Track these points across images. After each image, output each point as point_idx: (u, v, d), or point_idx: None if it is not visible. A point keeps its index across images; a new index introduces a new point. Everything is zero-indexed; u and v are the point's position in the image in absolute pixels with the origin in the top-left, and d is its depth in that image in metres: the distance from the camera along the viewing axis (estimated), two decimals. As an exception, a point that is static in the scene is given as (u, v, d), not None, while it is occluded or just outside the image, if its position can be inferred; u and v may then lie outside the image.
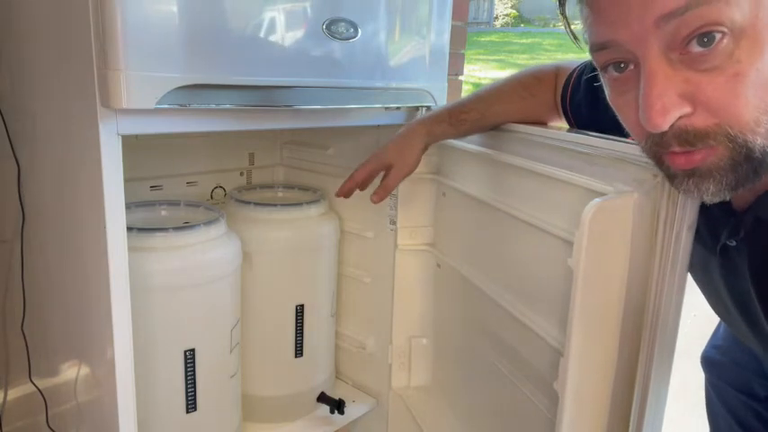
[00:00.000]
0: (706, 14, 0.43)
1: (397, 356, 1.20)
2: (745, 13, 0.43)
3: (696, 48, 0.44)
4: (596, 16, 0.49)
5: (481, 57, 8.04)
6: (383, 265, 1.16)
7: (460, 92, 1.78)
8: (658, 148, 0.49)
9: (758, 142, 0.45)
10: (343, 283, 1.25)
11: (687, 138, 0.47)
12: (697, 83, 0.45)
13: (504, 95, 0.87)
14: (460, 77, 1.73)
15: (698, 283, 0.69)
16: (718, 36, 0.43)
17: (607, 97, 0.54)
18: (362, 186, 0.95)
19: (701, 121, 0.46)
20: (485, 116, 0.87)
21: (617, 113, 0.54)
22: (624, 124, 0.53)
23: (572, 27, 0.55)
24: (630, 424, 0.64)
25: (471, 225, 1.01)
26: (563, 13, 0.53)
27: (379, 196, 0.93)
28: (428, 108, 1.04)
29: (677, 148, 0.48)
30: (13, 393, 1.09)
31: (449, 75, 1.04)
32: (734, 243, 0.57)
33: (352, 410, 1.18)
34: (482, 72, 6.91)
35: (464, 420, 1.07)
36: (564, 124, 0.85)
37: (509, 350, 0.90)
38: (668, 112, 0.45)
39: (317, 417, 1.17)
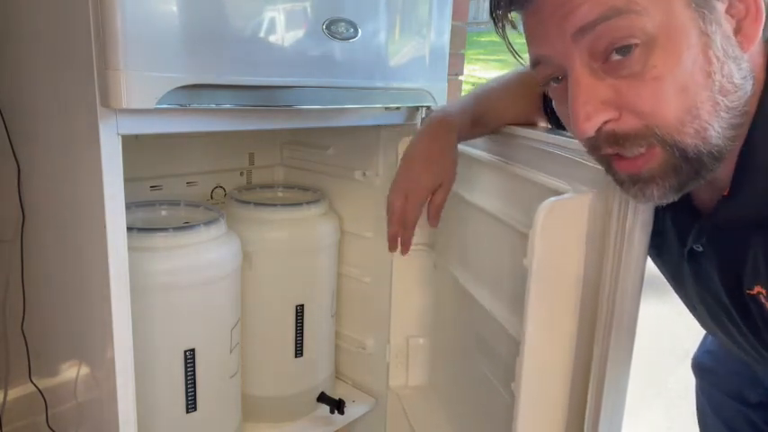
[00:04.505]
0: (618, 26, 0.46)
1: (395, 356, 1.20)
2: (655, 21, 0.45)
3: (615, 56, 0.47)
4: (526, 35, 0.53)
5: (481, 57, 8.04)
6: (382, 265, 1.16)
7: (460, 92, 1.78)
8: (596, 152, 0.53)
9: (688, 141, 0.48)
10: (343, 282, 1.25)
11: (616, 140, 0.49)
12: (620, 89, 0.48)
13: (507, 95, 0.86)
14: (460, 77, 1.74)
15: (674, 289, 0.69)
16: (632, 45, 0.46)
17: (554, 106, 0.57)
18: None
19: (627, 124, 0.49)
20: (495, 119, 0.85)
21: (562, 121, 0.56)
22: (569, 131, 0.56)
23: (514, 45, 0.57)
24: (585, 425, 0.64)
25: (459, 226, 1.01)
26: (503, 36, 0.55)
27: (437, 218, 0.84)
28: (428, 108, 1.04)
29: (609, 150, 0.51)
30: (13, 393, 1.09)
31: (449, 75, 1.04)
32: (700, 248, 0.58)
33: (351, 410, 1.18)
34: (482, 72, 6.91)
35: (455, 421, 1.07)
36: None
37: (490, 350, 0.90)
38: (591, 118, 0.48)
39: (317, 417, 1.17)
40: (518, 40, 0.56)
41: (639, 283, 0.60)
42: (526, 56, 0.58)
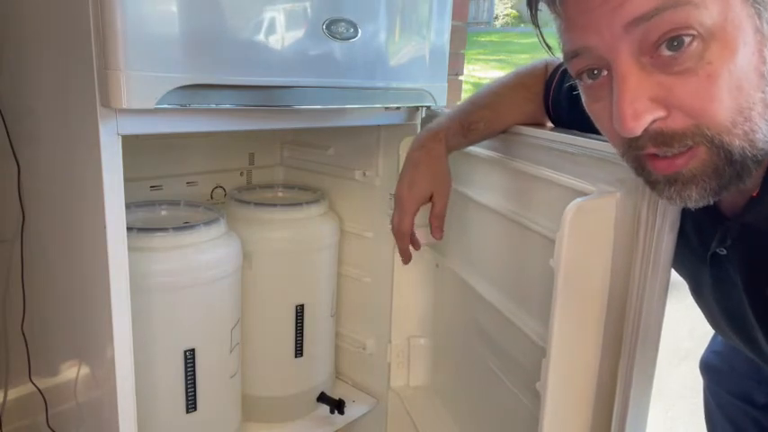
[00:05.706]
0: (674, 18, 0.43)
1: (396, 356, 1.20)
2: (713, 15, 0.43)
3: (666, 51, 0.44)
4: (567, 24, 0.49)
5: (481, 57, 8.04)
6: (383, 265, 1.16)
7: (460, 92, 1.78)
8: (637, 152, 0.49)
9: (736, 144, 0.45)
10: (343, 283, 1.25)
11: (664, 139, 0.47)
12: (670, 86, 0.45)
13: (507, 99, 0.85)
14: (460, 77, 1.74)
15: (690, 292, 0.69)
16: (687, 39, 0.43)
17: (584, 104, 0.54)
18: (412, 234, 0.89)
19: (677, 123, 0.46)
20: (493, 124, 0.85)
21: (593, 120, 0.53)
22: (601, 130, 0.53)
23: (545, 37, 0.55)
24: (612, 426, 0.64)
25: (465, 225, 1.01)
26: (535, 24, 0.53)
27: (441, 230, 0.87)
28: (428, 108, 1.04)
29: (653, 149, 0.48)
30: (13, 393, 1.09)
31: (449, 75, 1.04)
32: (724, 252, 0.56)
33: (352, 410, 1.18)
34: (482, 72, 6.91)
35: (460, 421, 1.07)
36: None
37: (501, 350, 0.90)
38: (640, 116, 0.45)
39: (317, 417, 1.17)
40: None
41: (666, 283, 0.59)
42: (542, 49, 0.56)
